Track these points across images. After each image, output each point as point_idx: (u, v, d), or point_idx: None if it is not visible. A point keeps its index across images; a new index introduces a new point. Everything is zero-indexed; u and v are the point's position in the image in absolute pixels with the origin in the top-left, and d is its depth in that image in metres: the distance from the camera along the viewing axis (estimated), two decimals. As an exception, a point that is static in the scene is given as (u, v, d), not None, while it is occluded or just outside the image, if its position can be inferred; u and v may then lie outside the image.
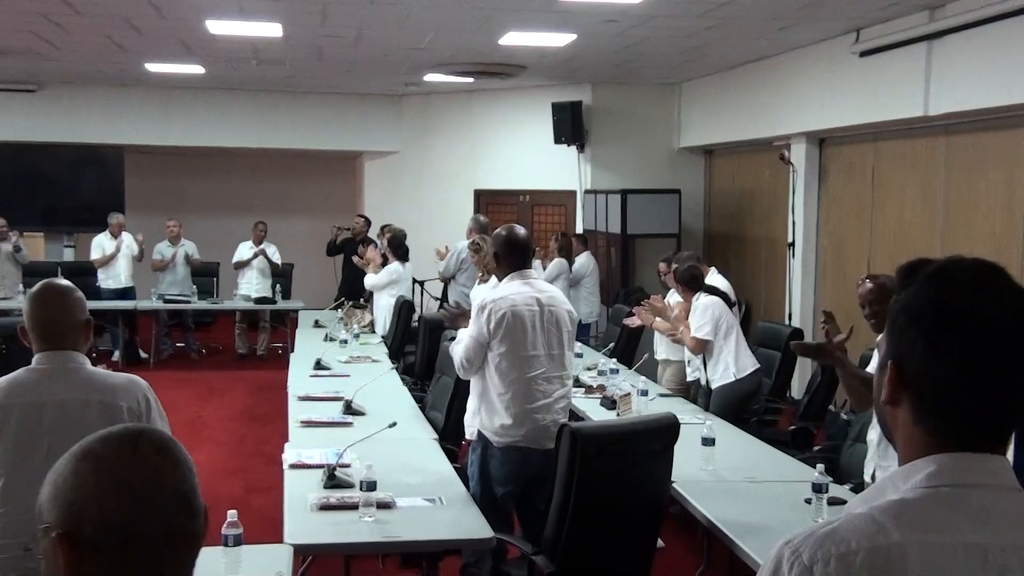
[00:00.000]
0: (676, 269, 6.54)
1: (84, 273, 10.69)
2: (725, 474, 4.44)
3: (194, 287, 11.10)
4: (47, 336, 2.85)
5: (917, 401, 1.22)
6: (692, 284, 6.23)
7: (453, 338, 4.62)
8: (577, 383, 6.34)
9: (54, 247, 12.97)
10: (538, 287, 4.37)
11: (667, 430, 3.81)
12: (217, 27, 8.08)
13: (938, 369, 1.20)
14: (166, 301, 10.82)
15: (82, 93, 12.45)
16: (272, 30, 8.19)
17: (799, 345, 4.18)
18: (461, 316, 4.63)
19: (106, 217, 11.08)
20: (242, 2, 7.18)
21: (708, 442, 4.54)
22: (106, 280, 10.77)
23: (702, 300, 6.09)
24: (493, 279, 7.56)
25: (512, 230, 4.46)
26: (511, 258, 4.38)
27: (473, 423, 4.39)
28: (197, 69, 10.77)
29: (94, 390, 2.83)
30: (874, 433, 4.18)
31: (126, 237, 11.03)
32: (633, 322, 7.45)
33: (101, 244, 10.97)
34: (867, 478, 4.21)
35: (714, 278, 6.80)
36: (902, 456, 1.25)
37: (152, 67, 10.65)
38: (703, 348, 6.00)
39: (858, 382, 3.57)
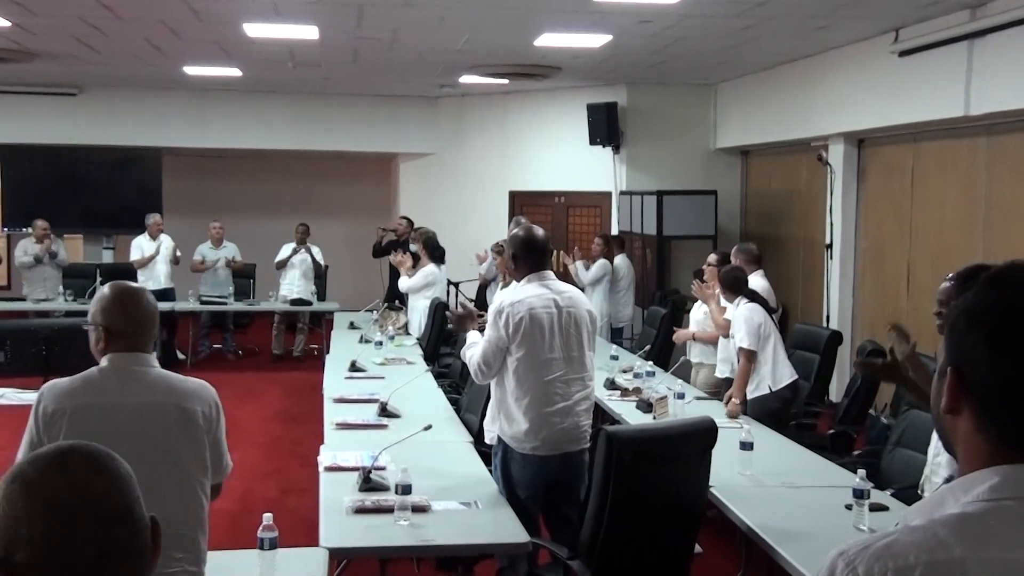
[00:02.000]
0: (721, 270, 6.41)
1: (123, 275, 10.75)
2: (763, 479, 4.38)
3: (231, 289, 11.18)
4: (121, 337, 2.82)
5: (979, 408, 1.18)
6: (732, 287, 6.05)
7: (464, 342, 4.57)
8: (612, 386, 6.32)
9: (93, 249, 13.12)
10: (556, 288, 4.32)
11: (705, 434, 3.77)
12: (254, 30, 8.13)
13: (1001, 373, 1.15)
14: (204, 302, 10.92)
15: (121, 96, 12.59)
16: (308, 32, 8.23)
17: (864, 364, 4.03)
18: (468, 318, 4.60)
19: (144, 219, 11.21)
20: (278, 5, 7.22)
21: (746, 446, 4.48)
22: (145, 281, 10.86)
23: (742, 308, 5.90)
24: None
25: (530, 231, 4.41)
26: (529, 259, 4.33)
27: (492, 428, 4.37)
28: (234, 72, 10.85)
29: (170, 394, 2.82)
30: (932, 445, 4.08)
31: (164, 239, 11.15)
32: (679, 338, 7.32)
33: (140, 245, 11.09)
34: (919, 490, 4.12)
35: (757, 281, 6.68)
36: (963, 466, 1.20)
37: (190, 70, 10.75)
38: (750, 358, 5.78)
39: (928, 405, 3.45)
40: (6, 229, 13.10)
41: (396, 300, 9.80)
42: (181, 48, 9.27)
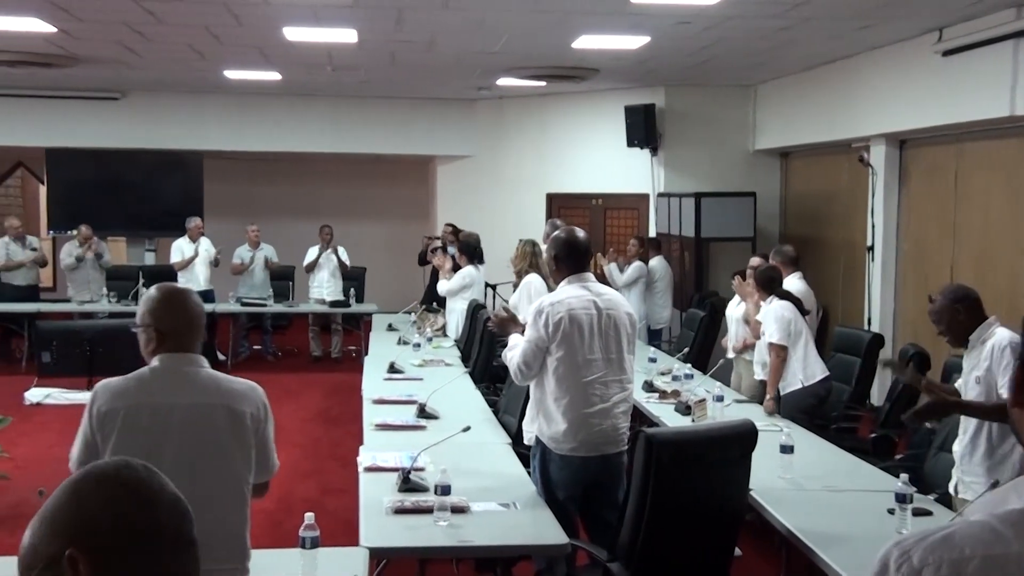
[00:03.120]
0: (757, 268, 6.44)
1: (164, 276, 10.90)
2: (804, 482, 4.35)
3: (270, 290, 11.29)
4: (172, 338, 2.86)
5: None
6: (767, 286, 6.11)
7: (505, 344, 4.58)
8: (651, 388, 6.30)
9: (136, 251, 13.29)
10: (596, 290, 4.31)
11: (745, 437, 3.74)
12: (294, 34, 8.21)
13: None
14: (243, 304, 11.03)
15: (163, 100, 12.75)
16: (347, 36, 8.29)
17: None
18: (510, 321, 4.60)
19: (185, 222, 11.34)
20: (318, 9, 7.28)
21: (786, 449, 4.45)
22: (185, 283, 10.96)
23: (773, 305, 5.97)
24: (531, 283, 7.58)
25: (572, 233, 4.41)
26: (570, 261, 4.34)
27: (531, 429, 4.37)
28: (274, 76, 10.95)
29: (220, 395, 2.85)
30: (959, 445, 4.07)
31: (204, 241, 11.27)
32: (727, 346, 7.23)
33: (180, 248, 11.23)
34: (951, 490, 4.10)
35: (793, 283, 6.64)
36: None
37: (230, 74, 10.86)
38: (781, 354, 5.86)
39: (995, 414, 3.47)
40: (52, 232, 13.30)
41: (434, 302, 9.84)
42: (222, 52, 9.37)
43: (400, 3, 7.08)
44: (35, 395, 8.81)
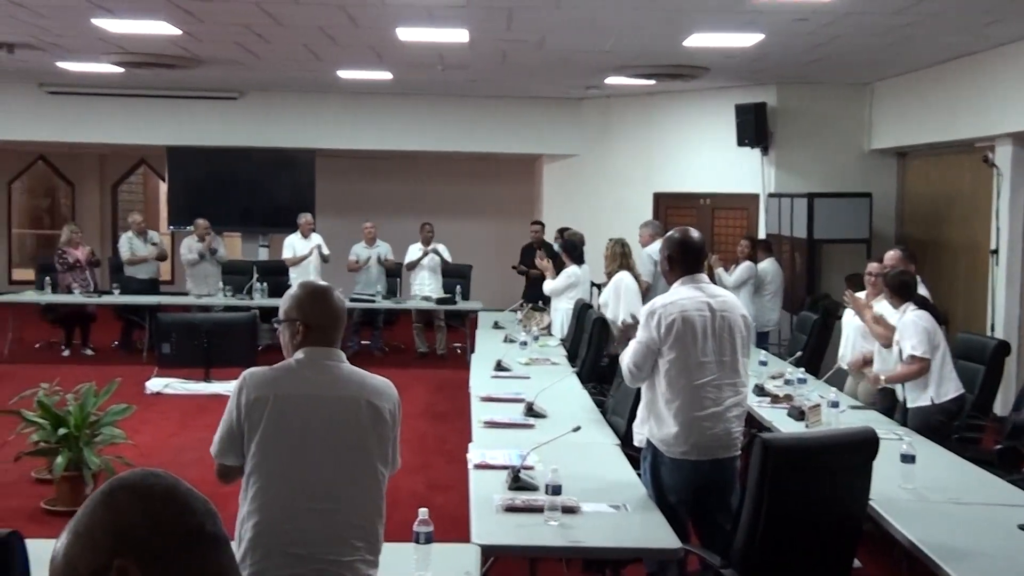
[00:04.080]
0: (886, 273, 6.11)
1: (276, 272, 11.23)
2: (927, 494, 4.19)
3: (379, 288, 11.46)
4: (317, 331, 2.95)
5: None
6: (902, 291, 5.71)
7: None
8: (762, 392, 6.17)
9: (250, 247, 13.67)
10: (710, 292, 4.24)
11: (866, 444, 3.63)
12: (407, 34, 8.31)
13: None
14: (353, 300, 11.22)
15: (278, 100, 13.09)
16: (459, 36, 8.35)
17: None
18: (635, 327, 4.55)
19: (296, 218, 11.60)
20: (432, 9, 7.36)
21: (908, 459, 4.30)
22: (297, 279, 11.24)
23: (911, 314, 5.62)
24: (622, 281, 7.49)
25: (686, 233, 4.33)
26: (684, 262, 4.26)
27: (642, 431, 4.32)
28: (385, 75, 11.12)
29: (362, 389, 2.92)
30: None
31: (315, 237, 11.51)
32: (841, 360, 7.00)
33: (292, 244, 11.50)
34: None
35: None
36: None
37: (344, 74, 11.07)
38: (924, 368, 5.51)
39: None
40: (172, 227, 13.77)
41: (539, 300, 9.85)
42: (337, 53, 9.56)
43: (512, 2, 7.09)
44: (155, 385, 9.13)
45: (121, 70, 10.54)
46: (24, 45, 9.25)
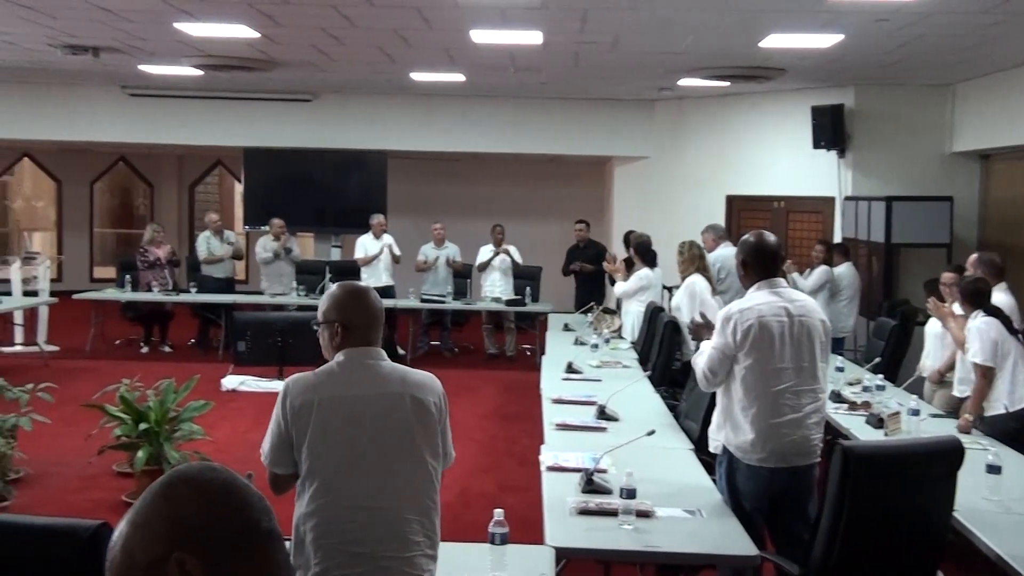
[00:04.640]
0: (963, 280, 6.01)
1: (349, 272, 11.35)
2: (1014, 506, 4.07)
3: (448, 288, 11.52)
4: (356, 332, 2.99)
5: None
6: (973, 299, 5.65)
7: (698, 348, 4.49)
8: (839, 399, 6.06)
9: (322, 247, 13.85)
10: (788, 296, 4.17)
11: (950, 454, 3.54)
12: (480, 36, 8.34)
13: None
14: (424, 300, 11.31)
15: (351, 102, 13.24)
16: (532, 38, 8.35)
17: None
18: (705, 328, 4.50)
19: (368, 218, 11.72)
20: (506, 11, 7.37)
21: (994, 470, 4.18)
22: (368, 279, 11.35)
23: (978, 321, 5.54)
24: (695, 283, 7.39)
25: (762, 236, 4.27)
26: (760, 266, 4.20)
27: (717, 437, 4.26)
28: (458, 77, 11.17)
29: (405, 384, 2.96)
30: None
31: (387, 237, 11.62)
32: (921, 369, 6.84)
33: (364, 244, 11.61)
34: None
35: (1000, 297, 6.18)
36: None
37: (416, 76, 11.15)
38: (987, 376, 5.43)
39: None
40: (247, 227, 14.03)
41: (592, 303, 9.84)
42: (411, 55, 9.63)
43: (586, 3, 7.07)
44: (231, 382, 9.30)
45: (200, 73, 10.76)
46: (109, 48, 9.49)
